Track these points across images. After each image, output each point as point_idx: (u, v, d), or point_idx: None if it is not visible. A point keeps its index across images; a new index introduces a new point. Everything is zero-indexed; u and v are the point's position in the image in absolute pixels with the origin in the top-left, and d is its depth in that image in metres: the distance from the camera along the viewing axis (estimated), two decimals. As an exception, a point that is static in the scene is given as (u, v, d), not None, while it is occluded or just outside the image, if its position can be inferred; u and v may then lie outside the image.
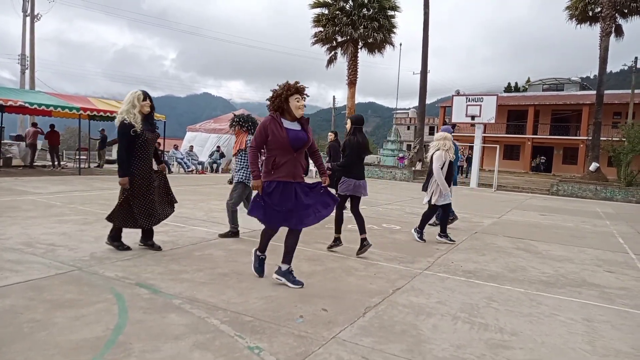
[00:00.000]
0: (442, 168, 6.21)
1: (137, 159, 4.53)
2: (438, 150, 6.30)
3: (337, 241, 5.42)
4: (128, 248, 4.73)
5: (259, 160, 3.89)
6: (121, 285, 3.62)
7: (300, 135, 3.81)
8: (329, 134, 10.57)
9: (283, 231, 4.00)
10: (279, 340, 2.78)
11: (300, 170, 3.86)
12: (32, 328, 2.74)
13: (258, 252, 4.14)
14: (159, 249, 4.85)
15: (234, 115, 6.04)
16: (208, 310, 3.21)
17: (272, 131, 3.71)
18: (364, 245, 5.19)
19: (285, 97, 3.75)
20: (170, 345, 2.63)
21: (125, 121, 4.47)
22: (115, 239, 4.72)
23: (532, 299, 3.98)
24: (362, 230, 5.20)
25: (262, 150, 3.89)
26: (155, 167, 4.85)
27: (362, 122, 5.41)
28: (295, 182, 3.79)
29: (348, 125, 5.40)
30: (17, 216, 6.34)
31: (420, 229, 6.40)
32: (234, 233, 5.85)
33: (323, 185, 3.98)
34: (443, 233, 6.42)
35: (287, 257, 3.97)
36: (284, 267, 3.96)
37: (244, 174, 5.72)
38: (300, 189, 3.82)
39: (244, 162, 5.71)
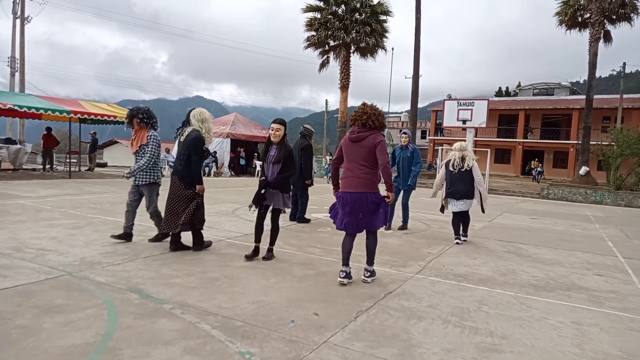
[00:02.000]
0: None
1: None
2: (475, 160, 6.77)
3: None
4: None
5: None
6: (111, 290, 3.60)
7: None
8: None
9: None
10: (270, 345, 2.77)
11: None
12: (20, 334, 2.71)
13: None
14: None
15: (133, 108, 5.40)
16: (199, 315, 3.20)
17: None
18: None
19: None
20: (161, 350, 2.61)
21: (203, 137, 5.02)
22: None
23: (522, 303, 4.01)
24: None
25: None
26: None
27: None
28: None
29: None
30: (6, 220, 6.27)
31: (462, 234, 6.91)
32: (164, 234, 5.38)
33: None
34: (465, 234, 6.94)
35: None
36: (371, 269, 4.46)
37: (154, 174, 5.38)
38: None
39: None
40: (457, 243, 6.69)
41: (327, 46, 25.92)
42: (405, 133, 7.80)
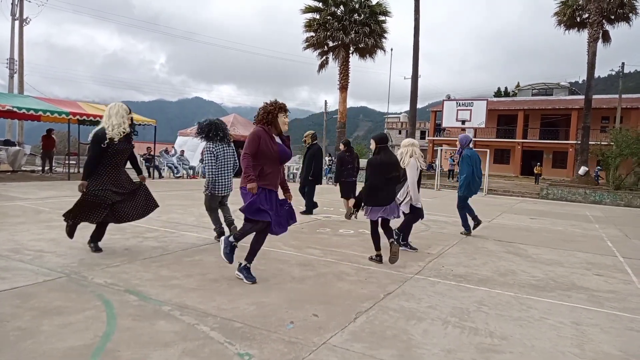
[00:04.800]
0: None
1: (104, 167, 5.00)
2: (412, 157, 5.83)
3: (378, 257, 5.22)
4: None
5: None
6: (110, 292, 3.58)
7: (287, 150, 4.19)
8: (340, 144, 9.46)
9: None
10: (269, 347, 2.76)
11: (279, 181, 4.19)
12: (18, 337, 2.70)
13: (233, 240, 4.19)
14: None
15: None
16: (198, 316, 3.19)
17: (265, 143, 4.00)
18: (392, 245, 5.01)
19: (276, 113, 4.12)
20: (160, 352, 2.60)
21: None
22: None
23: (522, 303, 4.00)
24: (389, 235, 5.18)
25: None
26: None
27: (386, 141, 5.32)
28: (275, 191, 4.14)
29: (372, 146, 5.31)
30: (5, 222, 6.25)
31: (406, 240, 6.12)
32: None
33: (289, 202, 4.26)
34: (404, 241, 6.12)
35: (251, 257, 4.17)
36: (244, 264, 4.16)
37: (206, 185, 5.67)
38: (277, 199, 4.15)
39: None
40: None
41: (326, 47, 25.92)
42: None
